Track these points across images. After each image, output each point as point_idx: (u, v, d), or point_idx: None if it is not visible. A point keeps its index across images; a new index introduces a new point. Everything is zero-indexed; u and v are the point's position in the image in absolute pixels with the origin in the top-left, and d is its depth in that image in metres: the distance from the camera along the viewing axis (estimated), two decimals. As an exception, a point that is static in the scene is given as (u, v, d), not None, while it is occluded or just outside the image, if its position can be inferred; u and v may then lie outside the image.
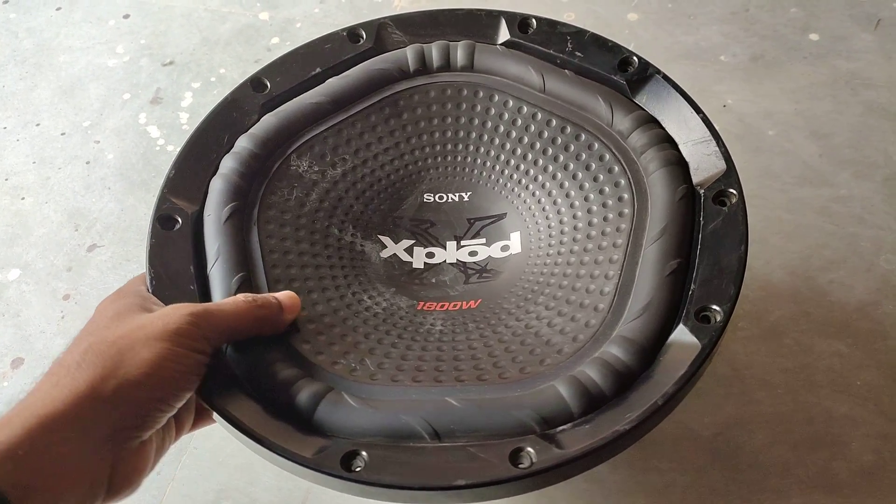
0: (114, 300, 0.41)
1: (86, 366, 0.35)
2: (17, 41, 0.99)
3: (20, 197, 0.83)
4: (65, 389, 0.34)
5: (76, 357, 0.35)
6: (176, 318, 0.38)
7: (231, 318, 0.40)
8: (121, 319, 0.38)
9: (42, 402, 0.34)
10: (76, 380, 0.34)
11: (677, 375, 0.39)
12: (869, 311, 0.68)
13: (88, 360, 0.35)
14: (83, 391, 0.34)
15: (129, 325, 0.37)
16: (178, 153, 0.51)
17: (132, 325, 0.37)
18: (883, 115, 0.82)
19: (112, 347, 0.36)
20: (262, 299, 0.42)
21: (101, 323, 0.38)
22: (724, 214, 0.45)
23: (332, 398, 0.40)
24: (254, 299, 0.42)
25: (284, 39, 0.96)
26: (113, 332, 0.37)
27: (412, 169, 0.55)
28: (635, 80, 0.52)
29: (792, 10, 0.93)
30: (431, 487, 0.36)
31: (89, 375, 0.34)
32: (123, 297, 0.41)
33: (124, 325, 0.38)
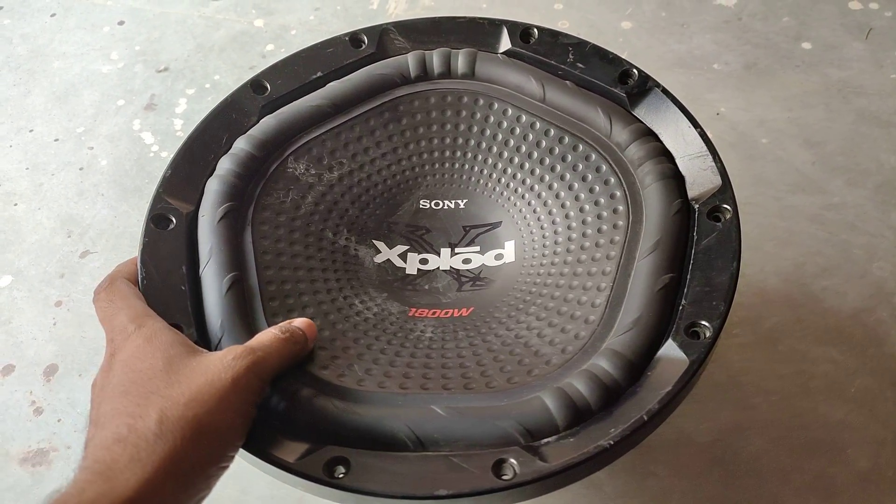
0: (137, 326, 0.40)
1: (164, 439, 0.33)
2: (11, 47, 0.98)
3: (13, 203, 0.83)
4: (147, 467, 0.32)
5: (152, 427, 0.33)
6: (239, 370, 0.37)
7: (276, 359, 0.39)
8: (178, 370, 0.36)
9: (126, 481, 0.32)
10: (155, 454, 0.33)
11: (663, 392, 0.39)
12: (862, 317, 0.68)
13: (166, 432, 0.33)
14: (164, 468, 0.32)
15: (194, 381, 0.36)
16: (176, 152, 0.51)
17: (198, 379, 0.36)
18: (875, 123, 0.82)
19: (188, 414, 0.34)
20: (291, 332, 0.41)
21: (158, 375, 0.36)
22: (717, 230, 0.45)
23: (318, 403, 0.40)
24: (286, 332, 0.41)
25: (279, 46, 0.96)
26: (180, 391, 0.35)
27: (409, 175, 0.55)
28: (635, 92, 0.52)
29: (784, 18, 0.94)
30: (413, 496, 0.36)
31: (168, 450, 0.33)
32: (148, 324, 0.40)
33: (188, 380, 0.36)
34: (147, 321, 0.40)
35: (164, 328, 0.40)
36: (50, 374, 0.70)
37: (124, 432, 0.33)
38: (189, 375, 0.36)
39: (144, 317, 0.41)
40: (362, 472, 0.37)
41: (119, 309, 0.41)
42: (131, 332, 0.39)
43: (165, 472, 0.32)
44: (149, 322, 0.40)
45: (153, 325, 0.40)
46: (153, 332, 0.39)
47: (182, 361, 0.37)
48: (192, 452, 0.33)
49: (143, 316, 0.41)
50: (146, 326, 0.40)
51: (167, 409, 0.34)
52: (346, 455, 0.38)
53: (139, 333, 0.39)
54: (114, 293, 0.43)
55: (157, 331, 0.40)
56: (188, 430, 0.34)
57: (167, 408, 0.34)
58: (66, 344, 0.71)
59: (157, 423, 0.33)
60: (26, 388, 0.69)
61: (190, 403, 0.34)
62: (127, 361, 0.37)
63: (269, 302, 0.45)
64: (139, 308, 0.42)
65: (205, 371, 0.36)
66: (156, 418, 0.34)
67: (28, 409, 0.68)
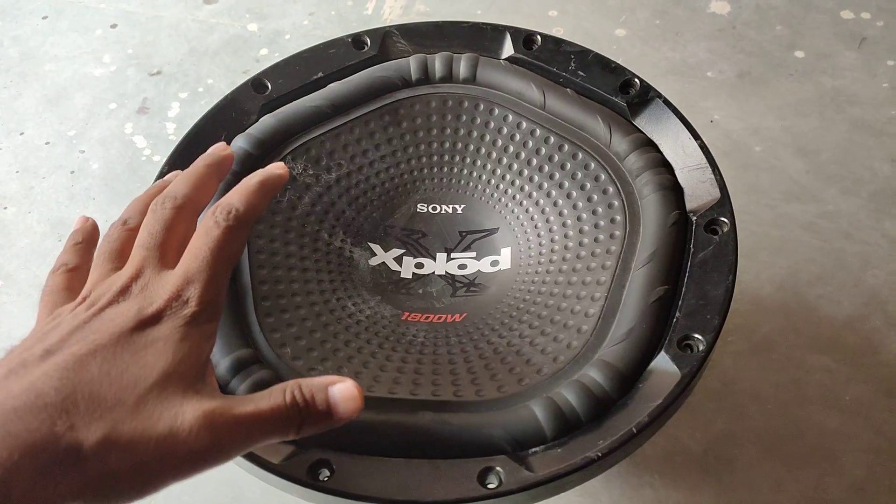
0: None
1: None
2: (3, 49, 0.98)
3: (2, 207, 0.82)
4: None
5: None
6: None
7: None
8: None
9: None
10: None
11: (654, 405, 0.38)
12: (857, 325, 0.68)
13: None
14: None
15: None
16: (174, 149, 0.50)
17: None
18: (868, 132, 0.83)
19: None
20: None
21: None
22: (714, 243, 0.45)
23: None
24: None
25: (273, 51, 0.95)
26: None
27: (407, 178, 0.55)
28: (636, 102, 0.52)
29: (778, 27, 0.94)
30: (396, 502, 0.36)
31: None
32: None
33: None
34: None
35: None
36: (38, 379, 0.69)
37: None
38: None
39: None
40: (346, 475, 0.37)
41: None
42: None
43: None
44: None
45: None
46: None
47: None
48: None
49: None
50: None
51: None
52: (330, 458, 0.37)
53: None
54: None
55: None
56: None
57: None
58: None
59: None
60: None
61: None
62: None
63: (261, 301, 0.45)
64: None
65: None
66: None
67: (15, 416, 0.67)
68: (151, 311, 0.32)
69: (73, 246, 0.38)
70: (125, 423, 0.28)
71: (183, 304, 0.32)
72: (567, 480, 0.37)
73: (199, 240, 0.34)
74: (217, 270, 0.33)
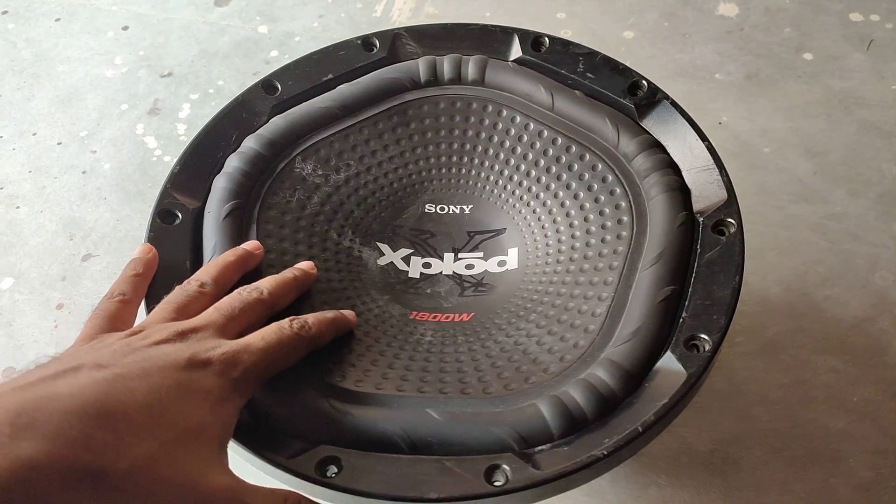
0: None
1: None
2: (16, 51, 0.99)
3: (15, 206, 0.83)
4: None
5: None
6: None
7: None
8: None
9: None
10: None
11: (660, 404, 0.39)
12: (865, 327, 0.68)
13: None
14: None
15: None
16: (185, 148, 0.51)
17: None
18: (876, 134, 0.83)
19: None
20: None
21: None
22: (721, 244, 0.45)
23: (315, 402, 0.40)
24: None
25: (283, 53, 0.96)
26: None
27: (416, 179, 0.55)
28: (644, 104, 0.52)
29: (786, 29, 0.94)
30: (404, 498, 0.36)
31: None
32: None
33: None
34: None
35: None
36: (50, 377, 0.70)
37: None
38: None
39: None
40: (354, 472, 0.37)
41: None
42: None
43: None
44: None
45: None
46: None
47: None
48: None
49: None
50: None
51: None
52: (338, 455, 0.38)
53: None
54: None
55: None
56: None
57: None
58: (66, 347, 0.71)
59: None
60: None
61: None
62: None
63: None
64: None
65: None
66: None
67: (28, 412, 0.68)
68: (204, 358, 0.33)
69: (131, 276, 0.40)
70: (154, 460, 0.29)
71: (233, 366, 0.34)
72: (573, 479, 0.37)
73: (269, 330, 0.37)
74: (273, 359, 0.36)
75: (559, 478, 0.36)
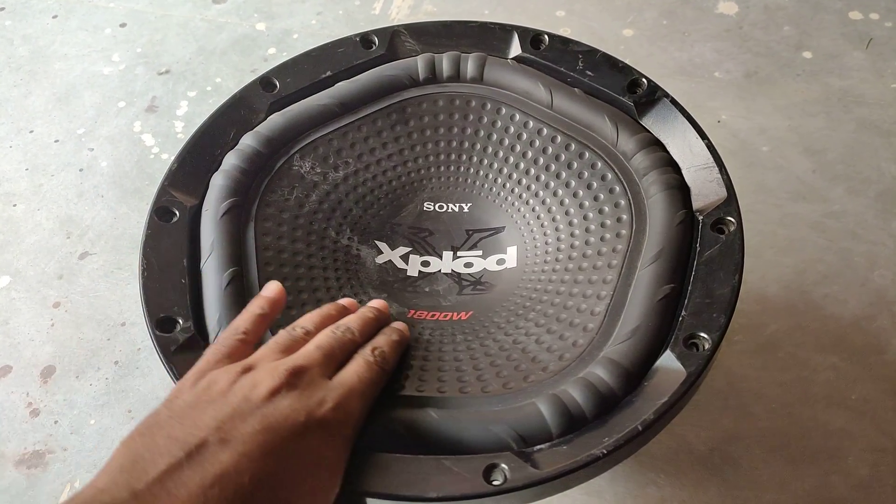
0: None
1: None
2: (13, 48, 0.98)
3: (12, 204, 0.82)
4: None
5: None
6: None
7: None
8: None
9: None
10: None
11: (659, 403, 0.39)
12: (863, 325, 0.68)
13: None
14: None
15: None
16: (183, 146, 0.51)
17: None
18: (875, 132, 0.83)
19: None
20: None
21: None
22: (721, 242, 0.45)
23: None
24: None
25: (281, 50, 0.96)
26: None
27: (414, 177, 0.55)
28: (643, 102, 0.52)
29: (785, 28, 0.94)
30: (402, 497, 0.36)
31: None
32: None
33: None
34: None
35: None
36: (47, 375, 0.70)
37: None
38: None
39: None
40: (353, 471, 0.37)
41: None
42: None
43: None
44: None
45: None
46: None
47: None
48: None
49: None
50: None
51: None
52: None
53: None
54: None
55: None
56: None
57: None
58: (63, 345, 0.71)
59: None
60: (23, 389, 0.69)
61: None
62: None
63: None
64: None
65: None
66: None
67: (24, 411, 0.67)
68: (319, 417, 0.35)
69: (257, 316, 0.41)
70: None
71: (344, 420, 0.36)
72: (572, 477, 0.37)
73: (361, 368, 0.39)
74: (371, 398, 0.39)
75: (558, 477, 0.36)
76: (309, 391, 0.36)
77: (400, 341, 0.43)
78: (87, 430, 0.66)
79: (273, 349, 0.39)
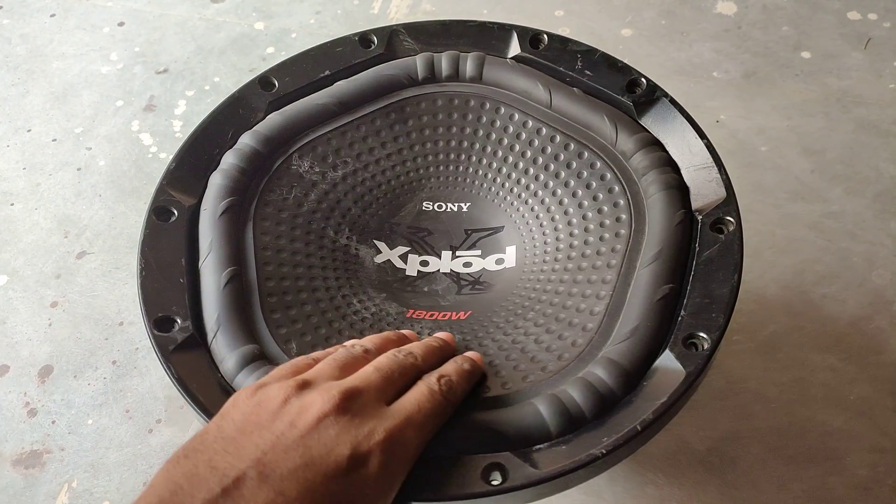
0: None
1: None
2: (10, 47, 0.98)
3: (9, 203, 0.82)
4: None
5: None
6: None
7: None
8: None
9: None
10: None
11: (658, 403, 0.39)
12: (861, 325, 0.68)
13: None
14: None
15: None
16: (181, 145, 0.51)
17: None
18: (874, 132, 0.83)
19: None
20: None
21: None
22: (720, 242, 0.45)
23: None
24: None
25: (279, 49, 0.96)
26: None
27: (413, 176, 0.55)
28: (642, 101, 0.52)
29: (784, 28, 0.94)
30: (401, 498, 0.36)
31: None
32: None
33: None
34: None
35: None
36: (44, 375, 0.69)
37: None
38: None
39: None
40: None
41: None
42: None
43: None
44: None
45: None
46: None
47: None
48: None
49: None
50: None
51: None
52: None
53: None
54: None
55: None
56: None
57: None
58: (61, 345, 0.71)
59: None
60: (20, 389, 0.69)
61: None
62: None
63: (266, 298, 0.45)
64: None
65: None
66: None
67: (22, 411, 0.67)
68: (366, 450, 0.33)
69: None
70: None
71: (394, 455, 0.34)
72: (571, 477, 0.37)
73: (423, 397, 0.36)
74: (430, 433, 0.36)
75: (557, 477, 0.36)
76: (360, 418, 0.33)
77: (472, 372, 0.40)
78: (84, 430, 0.66)
79: (331, 366, 0.37)
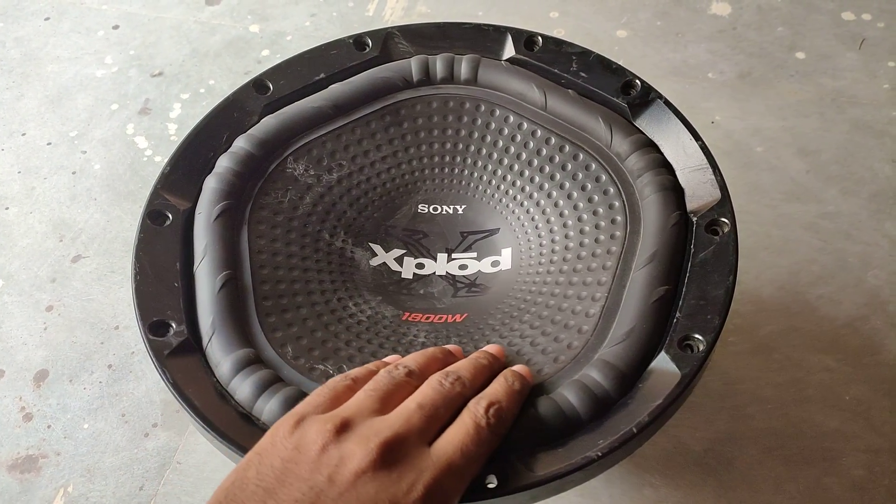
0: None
1: None
2: (5, 50, 0.98)
3: (4, 207, 0.82)
4: None
5: None
6: None
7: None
8: None
9: None
10: None
11: (654, 405, 0.39)
12: (857, 325, 0.68)
13: None
14: None
15: None
16: (176, 149, 0.51)
17: None
18: (869, 133, 0.83)
19: None
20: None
21: None
22: (715, 244, 0.45)
23: None
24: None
25: (275, 52, 0.96)
26: None
27: (408, 179, 0.55)
28: (637, 103, 0.52)
29: (778, 28, 0.95)
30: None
31: None
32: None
33: None
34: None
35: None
36: (40, 379, 0.69)
37: None
38: None
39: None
40: None
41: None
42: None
43: None
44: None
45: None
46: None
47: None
48: None
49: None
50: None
51: None
52: None
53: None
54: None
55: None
56: None
57: None
58: (56, 349, 0.71)
59: None
60: (16, 393, 0.68)
61: None
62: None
63: (262, 301, 0.45)
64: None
65: None
66: None
67: (17, 415, 0.67)
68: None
69: (369, 371, 0.38)
70: None
71: (440, 494, 0.32)
72: (567, 480, 0.37)
73: (468, 437, 0.34)
74: (473, 475, 0.35)
75: (553, 480, 0.36)
76: (400, 470, 0.32)
77: (521, 392, 0.38)
78: (80, 435, 0.66)
79: (372, 398, 0.36)
